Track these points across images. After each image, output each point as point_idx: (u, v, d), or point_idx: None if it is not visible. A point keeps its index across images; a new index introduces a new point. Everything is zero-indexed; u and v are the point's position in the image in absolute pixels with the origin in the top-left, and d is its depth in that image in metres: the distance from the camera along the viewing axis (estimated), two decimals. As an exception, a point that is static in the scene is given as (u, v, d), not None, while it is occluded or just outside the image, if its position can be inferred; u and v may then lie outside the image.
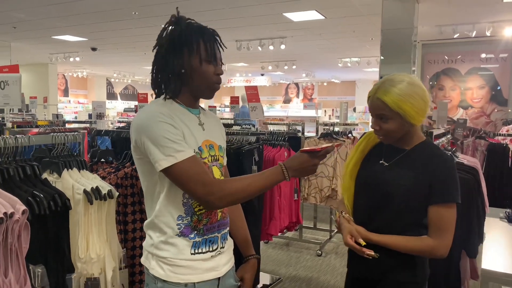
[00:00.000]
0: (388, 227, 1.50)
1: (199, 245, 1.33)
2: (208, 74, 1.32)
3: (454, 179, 1.46)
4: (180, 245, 1.31)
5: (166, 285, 1.30)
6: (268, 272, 4.00)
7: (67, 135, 1.66)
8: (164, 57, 1.31)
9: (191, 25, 1.33)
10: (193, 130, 1.32)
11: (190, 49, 1.29)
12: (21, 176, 1.45)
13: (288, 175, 1.27)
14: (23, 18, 7.41)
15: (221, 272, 1.39)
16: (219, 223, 1.39)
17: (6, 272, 1.27)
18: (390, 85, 1.46)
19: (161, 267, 1.31)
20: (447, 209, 1.45)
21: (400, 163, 1.52)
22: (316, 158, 1.28)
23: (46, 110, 10.00)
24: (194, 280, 1.31)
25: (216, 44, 1.36)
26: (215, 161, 1.38)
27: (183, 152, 1.22)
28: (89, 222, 1.57)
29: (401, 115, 1.45)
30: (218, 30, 2.89)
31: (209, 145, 1.37)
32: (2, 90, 1.98)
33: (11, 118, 5.30)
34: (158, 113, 1.25)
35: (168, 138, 1.22)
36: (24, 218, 1.28)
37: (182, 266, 1.31)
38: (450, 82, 8.45)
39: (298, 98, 18.96)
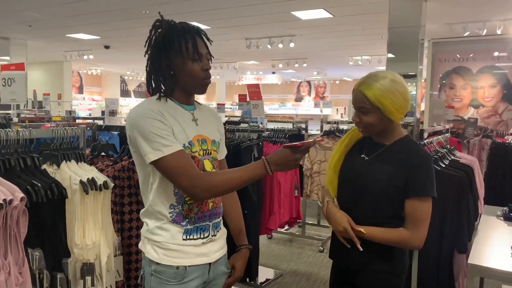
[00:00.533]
0: (366, 218, 1.56)
1: (191, 232, 1.41)
2: (195, 71, 1.38)
3: (429, 174, 1.52)
4: (172, 231, 1.39)
5: (159, 267, 1.39)
6: (270, 267, 4.07)
7: (66, 129, 1.77)
8: (152, 61, 1.40)
9: (174, 27, 1.39)
10: (185, 126, 1.39)
11: (175, 51, 1.36)
12: (22, 167, 1.56)
13: (270, 169, 1.33)
14: (38, 17, 7.61)
15: (212, 258, 1.46)
16: (211, 212, 1.46)
17: (6, 254, 1.38)
18: (373, 80, 1.52)
19: (155, 251, 1.40)
20: (422, 203, 1.50)
21: (380, 158, 1.58)
22: (297, 153, 1.33)
23: (60, 107, 10.23)
24: (185, 263, 1.40)
25: (201, 41, 1.42)
26: (207, 154, 1.45)
27: (170, 147, 1.30)
28: (85, 211, 1.67)
29: (380, 109, 1.51)
30: (227, 28, 2.94)
31: (202, 139, 1.44)
32: (9, 87, 2.10)
33: (26, 114, 5.48)
34: (148, 110, 1.33)
35: (156, 133, 1.30)
36: (22, 205, 1.38)
37: (175, 250, 1.39)
38: (461, 80, 8.37)
39: (310, 96, 18.95)
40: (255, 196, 3.11)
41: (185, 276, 1.40)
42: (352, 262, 1.63)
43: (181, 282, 1.40)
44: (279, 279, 3.82)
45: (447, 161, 2.65)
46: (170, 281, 1.39)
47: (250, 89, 3.70)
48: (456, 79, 8.38)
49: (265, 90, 19.52)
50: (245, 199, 3.03)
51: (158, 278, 1.39)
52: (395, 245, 1.56)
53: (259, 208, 3.23)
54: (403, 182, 1.51)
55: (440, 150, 2.81)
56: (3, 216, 1.34)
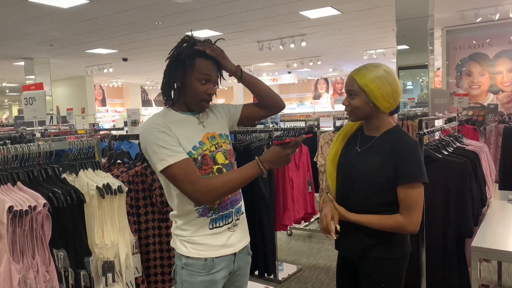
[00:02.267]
0: (362, 207, 1.65)
1: (216, 221, 1.54)
2: (198, 91, 1.50)
3: (417, 161, 1.60)
4: (200, 224, 1.52)
5: (189, 260, 1.52)
6: (289, 262, 4.18)
7: (82, 140, 1.94)
8: (167, 69, 1.54)
9: (194, 47, 1.51)
10: (192, 130, 1.52)
11: (185, 67, 1.49)
12: (44, 177, 1.74)
13: (263, 168, 1.44)
14: (57, 36, 7.98)
15: (236, 248, 1.59)
16: (231, 200, 1.58)
17: (34, 255, 1.55)
18: (365, 68, 1.65)
19: (185, 246, 1.53)
20: (412, 188, 1.58)
21: (370, 149, 1.68)
22: (287, 149, 1.43)
23: (84, 120, 10.62)
24: (212, 255, 1.52)
25: (215, 68, 1.55)
26: (219, 147, 1.58)
27: (173, 156, 1.42)
28: (103, 214, 1.83)
29: (366, 93, 1.61)
30: (238, 32, 2.96)
31: (211, 136, 1.57)
32: (30, 105, 2.31)
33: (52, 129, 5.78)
34: (154, 124, 1.46)
35: (161, 145, 1.42)
36: (45, 210, 1.55)
37: (202, 244, 1.52)
38: (478, 67, 8.25)
39: (328, 93, 18.91)
40: (267, 193, 3.22)
41: (213, 267, 1.52)
42: (354, 250, 1.72)
43: (210, 272, 1.52)
44: (298, 274, 3.92)
45: (451, 149, 2.69)
46: (200, 272, 1.51)
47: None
48: (473, 65, 8.26)
49: (283, 90, 19.60)
50: (258, 196, 3.16)
51: (189, 271, 1.52)
52: (391, 230, 1.64)
53: (272, 205, 3.34)
54: (392, 171, 1.60)
55: (445, 138, 2.85)
56: (29, 220, 1.51)
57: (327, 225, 1.63)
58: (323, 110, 13.47)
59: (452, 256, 2.40)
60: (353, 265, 1.77)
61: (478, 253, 2.06)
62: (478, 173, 2.57)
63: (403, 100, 6.19)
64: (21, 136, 4.29)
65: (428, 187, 2.32)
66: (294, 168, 3.69)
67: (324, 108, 14.13)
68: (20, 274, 1.47)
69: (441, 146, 2.62)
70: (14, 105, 24.53)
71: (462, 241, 2.48)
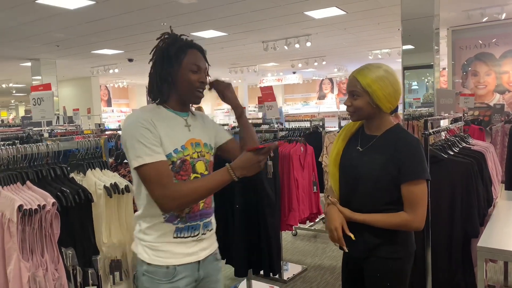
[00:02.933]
0: (366, 206, 1.66)
1: (181, 231, 1.49)
2: (191, 81, 1.49)
3: (419, 158, 1.61)
4: (164, 230, 1.47)
5: (150, 267, 1.47)
6: (294, 262, 4.19)
7: (89, 140, 1.96)
8: (154, 67, 1.52)
9: (179, 40, 1.53)
10: (177, 131, 1.49)
11: (176, 61, 1.49)
12: (52, 176, 1.76)
13: (234, 174, 1.39)
14: (63, 37, 8.04)
15: (200, 256, 1.53)
16: (201, 212, 1.53)
17: (43, 253, 1.58)
18: (367, 68, 1.66)
19: (146, 252, 1.48)
20: (416, 186, 1.59)
21: (372, 148, 1.69)
22: (260, 155, 1.39)
23: (90, 120, 10.69)
24: (174, 263, 1.47)
25: (202, 57, 1.55)
26: (201, 156, 1.55)
27: (151, 156, 1.38)
28: (111, 213, 1.84)
29: (369, 93, 1.62)
30: (243, 33, 2.88)
31: (195, 143, 1.54)
32: (39, 105, 2.33)
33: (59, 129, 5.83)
34: (139, 119, 1.42)
35: (141, 141, 1.38)
36: (54, 209, 1.57)
37: (164, 251, 1.47)
38: (484, 67, 8.21)
39: (333, 93, 18.87)
40: (272, 194, 3.23)
41: (175, 275, 1.47)
42: (358, 250, 1.73)
43: (172, 281, 1.47)
44: (303, 274, 3.93)
45: (457, 149, 2.69)
46: (162, 280, 1.46)
47: (263, 92, 3.84)
48: (479, 65, 8.23)
49: (288, 90, 19.61)
50: (263, 196, 3.16)
51: (150, 278, 1.47)
52: (397, 228, 1.64)
53: (277, 205, 3.35)
54: (395, 169, 1.61)
55: (450, 138, 2.85)
56: (38, 219, 1.53)
57: (340, 239, 1.64)
58: (328, 110, 13.45)
59: (458, 256, 2.40)
60: (358, 265, 1.78)
61: (484, 253, 2.06)
62: (484, 173, 2.57)
63: (408, 100, 6.18)
64: (28, 136, 4.34)
65: (434, 187, 2.35)
66: (299, 169, 3.70)
67: (329, 108, 14.13)
68: (29, 272, 1.50)
69: (447, 146, 2.61)
70: (20, 105, 24.71)
71: (468, 241, 2.48)
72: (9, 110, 26.34)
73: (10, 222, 1.49)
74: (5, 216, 1.51)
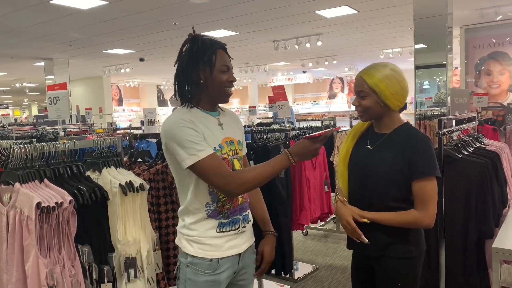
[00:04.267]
0: (376, 204, 1.66)
1: (224, 225, 1.55)
2: (221, 81, 1.54)
3: (429, 155, 1.60)
4: (207, 226, 1.53)
5: (194, 259, 1.53)
6: (305, 262, 4.18)
7: (105, 139, 1.98)
8: (184, 70, 1.55)
9: (206, 41, 1.56)
10: (213, 131, 1.54)
11: (205, 62, 1.51)
12: (69, 174, 1.78)
13: (293, 160, 1.46)
14: (76, 37, 8.13)
15: (241, 249, 1.60)
16: (241, 207, 1.61)
17: (60, 250, 1.60)
18: (374, 68, 1.66)
19: (191, 245, 1.54)
20: (426, 182, 1.59)
21: (382, 146, 1.69)
22: (316, 142, 1.46)
23: (102, 120, 10.79)
24: (218, 256, 1.54)
25: (227, 55, 1.59)
26: (235, 154, 1.60)
27: (204, 151, 1.44)
28: (126, 211, 1.86)
29: (377, 93, 1.63)
30: (254, 32, 2.79)
31: (229, 141, 1.59)
32: (54, 104, 2.37)
33: (71, 128, 5.90)
34: (180, 120, 1.47)
35: (190, 140, 1.44)
36: (71, 207, 1.60)
37: (208, 244, 1.53)
38: (498, 66, 8.11)
39: (344, 92, 18.80)
40: (284, 193, 3.23)
41: (218, 268, 1.54)
42: (369, 250, 1.72)
43: (214, 273, 1.53)
44: (314, 273, 3.92)
45: (471, 149, 2.67)
46: (205, 272, 1.52)
47: (275, 91, 3.84)
48: (493, 64, 8.12)
49: (298, 89, 19.58)
50: (275, 196, 3.17)
51: (193, 270, 1.53)
52: (408, 226, 1.64)
53: (289, 204, 3.35)
54: (406, 166, 1.61)
55: (465, 138, 2.82)
56: (55, 216, 1.56)
57: (355, 230, 1.64)
58: (339, 110, 13.40)
59: (473, 257, 2.38)
60: (368, 264, 1.77)
61: (499, 254, 2.03)
62: (499, 174, 2.54)
63: (419, 99, 6.13)
64: (42, 134, 4.40)
65: (449, 187, 2.33)
66: (310, 168, 3.69)
67: (340, 108, 14.07)
68: (47, 268, 1.52)
69: (461, 146, 2.59)
70: (33, 104, 25.05)
71: (482, 242, 2.45)
72: (22, 109, 26.71)
73: (29, 219, 1.52)
74: (24, 213, 1.54)
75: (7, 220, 1.59)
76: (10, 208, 1.59)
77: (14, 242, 1.56)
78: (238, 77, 16.01)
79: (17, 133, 4.66)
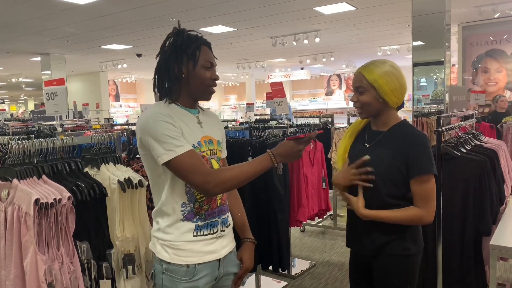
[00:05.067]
0: (374, 202, 1.65)
1: (201, 229, 1.47)
2: (204, 78, 1.48)
3: (426, 153, 1.60)
4: (183, 229, 1.45)
5: (170, 266, 1.45)
6: (302, 258, 4.20)
7: (103, 135, 1.97)
8: (166, 63, 1.47)
9: (191, 36, 1.51)
10: (192, 128, 1.47)
11: (189, 57, 1.45)
12: (67, 170, 1.78)
13: (275, 161, 1.40)
14: (73, 32, 8.08)
15: (220, 254, 1.52)
16: (219, 209, 1.54)
17: (58, 246, 1.59)
18: (373, 64, 1.67)
19: (166, 251, 1.46)
20: (426, 180, 1.60)
21: (379, 144, 1.69)
22: (300, 144, 1.40)
23: (99, 115, 10.75)
24: (195, 261, 1.46)
25: (211, 52, 1.53)
26: (214, 154, 1.54)
27: (182, 147, 1.36)
28: (124, 208, 1.86)
29: (376, 88, 1.63)
30: (252, 28, 2.68)
31: (208, 140, 1.52)
32: (52, 100, 2.35)
33: (68, 124, 5.87)
34: (158, 114, 1.40)
35: (167, 135, 1.36)
36: (69, 203, 1.59)
37: (184, 250, 1.45)
38: (495, 63, 8.13)
39: (341, 89, 18.80)
40: (282, 190, 3.23)
41: (196, 274, 1.46)
42: (368, 248, 1.73)
43: (192, 279, 1.45)
44: (312, 269, 3.93)
45: (469, 146, 2.67)
46: (182, 279, 1.45)
47: (273, 87, 3.83)
48: (490, 62, 8.14)
49: (295, 86, 19.56)
50: (273, 192, 3.17)
51: (169, 277, 1.45)
52: (409, 223, 1.63)
53: (287, 201, 3.35)
54: (403, 164, 1.61)
55: (462, 136, 2.83)
56: (54, 213, 1.55)
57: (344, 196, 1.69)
58: (336, 107, 13.41)
59: (470, 254, 2.39)
60: (366, 261, 1.78)
61: (497, 251, 2.05)
62: (497, 171, 2.55)
63: (416, 96, 6.14)
64: (39, 130, 4.37)
65: (447, 184, 2.34)
66: (308, 165, 3.69)
67: (337, 105, 14.08)
68: (46, 265, 1.51)
69: (459, 143, 2.59)
70: (29, 99, 24.91)
71: (479, 239, 2.47)
72: (18, 104, 26.57)
73: (27, 216, 1.51)
74: (22, 209, 1.53)
75: (5, 217, 1.58)
76: (8, 204, 1.58)
77: (12, 239, 1.55)
78: (235, 73, 15.97)
79: (13, 129, 4.63)
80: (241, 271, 1.63)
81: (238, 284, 1.65)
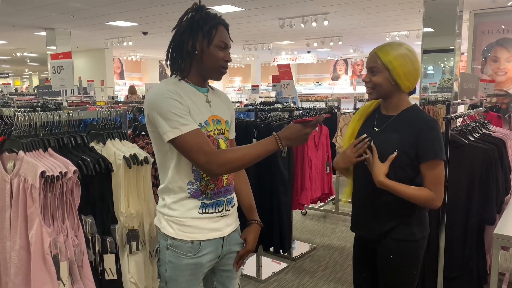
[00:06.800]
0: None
1: (207, 207, 1.49)
2: (217, 58, 1.46)
3: (437, 138, 1.59)
4: (189, 205, 1.47)
5: (175, 242, 1.47)
6: (303, 241, 4.22)
7: (110, 111, 1.96)
8: (181, 36, 1.46)
9: (209, 14, 1.48)
10: (200, 106, 1.47)
11: (204, 34, 1.43)
12: (73, 144, 1.77)
13: (281, 144, 1.38)
14: (79, 7, 7.97)
15: (224, 232, 1.54)
16: (225, 188, 1.54)
17: (64, 220, 1.60)
18: (389, 45, 1.64)
19: (171, 226, 1.47)
20: (436, 165, 1.59)
21: (389, 128, 1.67)
22: (307, 127, 1.38)
23: (103, 93, 10.71)
24: (199, 238, 1.48)
25: (228, 34, 1.51)
26: (221, 134, 1.53)
27: (188, 125, 1.36)
28: (129, 184, 1.85)
29: (389, 70, 1.60)
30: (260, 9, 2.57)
31: (216, 120, 1.52)
32: (58, 74, 2.32)
33: (72, 100, 5.84)
34: (166, 91, 1.39)
35: (174, 112, 1.35)
36: (75, 177, 1.58)
37: (190, 226, 1.47)
38: (505, 53, 8.00)
39: (347, 74, 18.62)
40: (286, 173, 3.23)
41: (200, 250, 1.48)
42: (373, 232, 1.73)
43: (196, 256, 1.48)
44: (312, 252, 3.96)
45: (478, 135, 2.65)
46: (186, 254, 1.47)
47: (280, 69, 3.78)
48: (500, 51, 8.01)
49: (301, 70, 19.38)
50: (277, 175, 3.17)
51: (174, 252, 1.47)
52: (421, 202, 1.61)
53: (290, 184, 3.35)
54: (412, 148, 1.59)
55: (471, 124, 2.80)
56: (59, 186, 1.55)
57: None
58: (342, 92, 13.31)
59: (473, 242, 2.39)
60: (370, 245, 1.78)
61: (500, 240, 2.04)
62: (504, 161, 2.53)
63: (424, 84, 6.07)
64: (43, 105, 4.35)
65: (453, 172, 2.32)
66: (313, 148, 3.68)
67: (343, 90, 13.97)
68: (51, 237, 1.52)
69: (468, 131, 2.57)
70: (34, 75, 24.84)
71: (482, 227, 2.47)
72: (23, 79, 26.51)
73: (33, 188, 1.51)
74: (28, 181, 1.53)
75: (10, 188, 1.58)
76: (14, 176, 1.57)
77: (17, 210, 1.55)
78: (241, 55, 15.82)
79: (18, 103, 4.61)
80: (242, 251, 1.64)
81: (239, 263, 1.65)
